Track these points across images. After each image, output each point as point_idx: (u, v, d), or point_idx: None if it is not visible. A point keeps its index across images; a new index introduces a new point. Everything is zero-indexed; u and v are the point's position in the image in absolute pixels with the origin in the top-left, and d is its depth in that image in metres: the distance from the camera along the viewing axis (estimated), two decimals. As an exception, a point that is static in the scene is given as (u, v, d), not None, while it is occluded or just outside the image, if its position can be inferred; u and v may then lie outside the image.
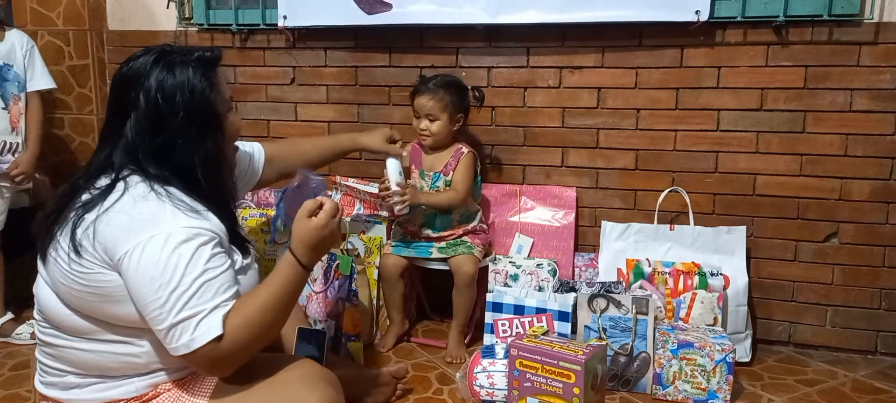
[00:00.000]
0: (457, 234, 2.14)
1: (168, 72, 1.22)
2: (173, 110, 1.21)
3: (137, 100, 1.21)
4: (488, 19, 2.21)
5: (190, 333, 1.12)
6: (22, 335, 2.23)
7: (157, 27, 2.63)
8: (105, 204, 1.17)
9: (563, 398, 1.57)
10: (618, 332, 1.87)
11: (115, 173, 1.20)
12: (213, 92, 1.26)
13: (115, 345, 1.22)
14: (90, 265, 1.15)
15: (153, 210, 1.16)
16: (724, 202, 2.21)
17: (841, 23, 2.02)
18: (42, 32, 2.64)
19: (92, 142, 2.70)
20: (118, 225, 1.14)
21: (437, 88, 2.07)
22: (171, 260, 1.12)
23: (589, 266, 2.26)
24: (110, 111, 1.27)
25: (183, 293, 1.12)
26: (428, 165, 2.17)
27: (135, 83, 1.22)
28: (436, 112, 2.07)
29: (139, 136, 1.21)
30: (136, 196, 1.18)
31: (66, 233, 1.17)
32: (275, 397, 1.24)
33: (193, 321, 1.12)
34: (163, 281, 1.11)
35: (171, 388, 1.26)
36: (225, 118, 1.31)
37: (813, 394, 1.90)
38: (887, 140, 2.05)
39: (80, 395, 1.26)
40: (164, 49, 1.26)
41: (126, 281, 1.14)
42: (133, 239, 1.13)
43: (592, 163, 2.29)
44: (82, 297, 1.18)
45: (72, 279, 1.16)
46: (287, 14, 2.38)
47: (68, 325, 1.22)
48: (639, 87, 2.21)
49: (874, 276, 2.13)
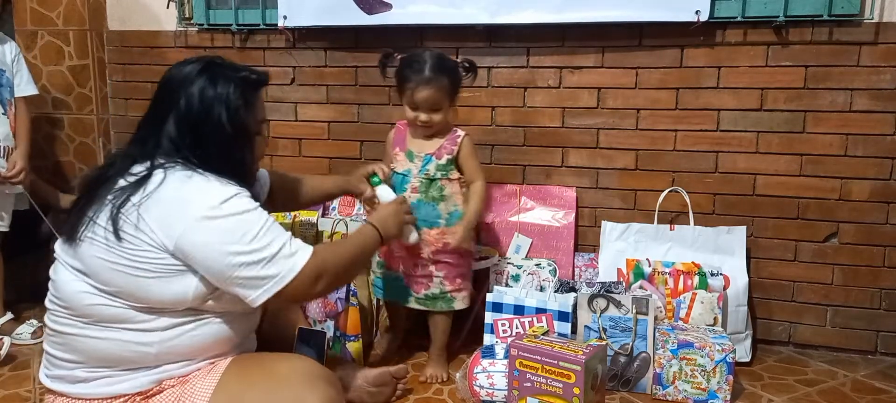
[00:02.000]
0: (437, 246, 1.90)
1: (210, 83, 1.31)
2: (208, 119, 1.29)
3: (179, 103, 1.29)
4: (488, 19, 2.21)
5: (287, 259, 1.26)
6: (22, 335, 2.23)
7: (158, 27, 2.63)
8: (148, 188, 1.23)
9: (563, 398, 1.57)
10: (618, 332, 1.87)
11: (151, 162, 1.27)
12: (247, 111, 1.35)
13: (130, 334, 1.25)
14: (135, 245, 1.20)
15: (201, 184, 1.25)
16: (724, 202, 2.21)
17: (841, 23, 2.02)
18: (42, 32, 2.64)
19: (92, 143, 2.70)
20: (171, 202, 1.22)
21: (437, 76, 1.84)
22: (243, 215, 1.24)
23: (589, 266, 2.26)
24: (153, 107, 1.35)
25: (264, 233, 1.25)
26: (416, 147, 1.94)
27: (179, 87, 1.30)
28: (439, 102, 1.86)
29: (179, 136, 1.29)
30: (181, 177, 1.25)
31: (105, 216, 1.22)
32: (275, 395, 1.26)
33: (285, 248, 1.27)
34: (243, 230, 1.23)
35: (174, 385, 1.29)
36: (254, 137, 1.41)
37: (813, 394, 1.90)
38: (887, 140, 2.05)
39: (86, 390, 1.28)
40: (214, 61, 1.36)
41: (193, 250, 1.21)
42: (193, 212, 1.21)
43: (592, 163, 2.29)
44: (125, 274, 1.21)
45: (116, 255, 1.21)
46: (287, 14, 2.38)
47: (88, 311, 1.24)
48: (639, 87, 2.21)
49: (874, 276, 2.13)
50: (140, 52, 2.68)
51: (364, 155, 2.50)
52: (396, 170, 1.95)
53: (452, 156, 1.92)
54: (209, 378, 1.29)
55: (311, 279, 1.30)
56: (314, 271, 1.30)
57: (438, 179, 1.91)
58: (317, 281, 1.32)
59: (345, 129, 2.51)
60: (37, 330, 2.24)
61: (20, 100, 2.32)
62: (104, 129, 2.74)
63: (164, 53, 2.64)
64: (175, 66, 1.35)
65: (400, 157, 1.96)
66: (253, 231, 1.24)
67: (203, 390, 1.27)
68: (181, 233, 1.20)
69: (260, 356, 1.43)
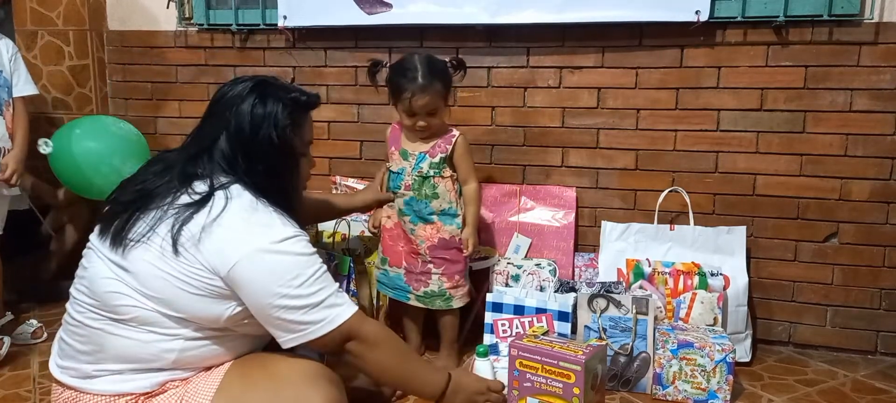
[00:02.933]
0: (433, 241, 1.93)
1: (260, 101, 1.33)
2: (256, 138, 1.32)
3: (230, 122, 1.32)
4: (488, 19, 2.21)
5: (332, 309, 1.28)
6: (22, 335, 2.23)
7: (157, 27, 2.63)
8: (214, 211, 1.24)
9: (563, 398, 1.57)
10: (618, 332, 1.87)
11: (211, 180, 1.29)
12: (294, 132, 1.38)
13: (154, 337, 1.26)
14: (188, 262, 1.22)
15: (265, 218, 1.27)
16: (724, 202, 2.21)
17: (841, 23, 2.02)
18: (42, 32, 2.64)
19: (92, 142, 2.69)
20: (234, 230, 1.23)
21: (431, 81, 1.84)
22: (299, 258, 1.26)
23: (589, 266, 2.26)
24: (204, 124, 1.38)
25: (314, 281, 1.26)
26: (410, 146, 1.96)
27: (230, 104, 1.33)
28: (435, 106, 1.88)
29: (232, 154, 1.32)
30: (245, 205, 1.27)
31: (165, 227, 1.23)
32: (278, 395, 1.27)
33: (332, 298, 1.28)
34: (295, 273, 1.24)
35: (178, 386, 1.30)
36: (300, 158, 1.44)
37: (813, 394, 1.90)
38: (887, 140, 2.05)
39: (93, 385, 1.28)
40: (266, 80, 1.39)
41: (245, 283, 1.22)
42: (253, 244, 1.23)
43: (592, 163, 2.29)
44: (172, 284, 1.23)
45: (169, 265, 1.22)
46: (287, 14, 2.38)
47: (117, 309, 1.25)
48: (639, 87, 2.21)
49: (874, 276, 2.13)
50: (140, 52, 2.68)
51: (364, 155, 2.50)
52: (392, 169, 1.98)
53: (446, 155, 1.93)
54: (211, 379, 1.30)
55: (342, 338, 1.30)
56: (349, 332, 1.31)
57: (431, 177, 1.93)
58: (347, 341, 1.32)
59: (345, 129, 2.51)
60: (37, 330, 2.24)
61: (18, 99, 2.30)
62: (104, 129, 2.74)
63: (164, 53, 2.65)
64: (227, 83, 1.39)
65: (395, 156, 1.99)
66: (304, 275, 1.25)
67: (205, 390, 1.28)
68: (236, 263, 1.22)
69: (261, 356, 1.43)
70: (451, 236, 1.95)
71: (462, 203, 1.98)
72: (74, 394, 1.29)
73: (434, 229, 1.94)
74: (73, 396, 1.29)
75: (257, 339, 1.40)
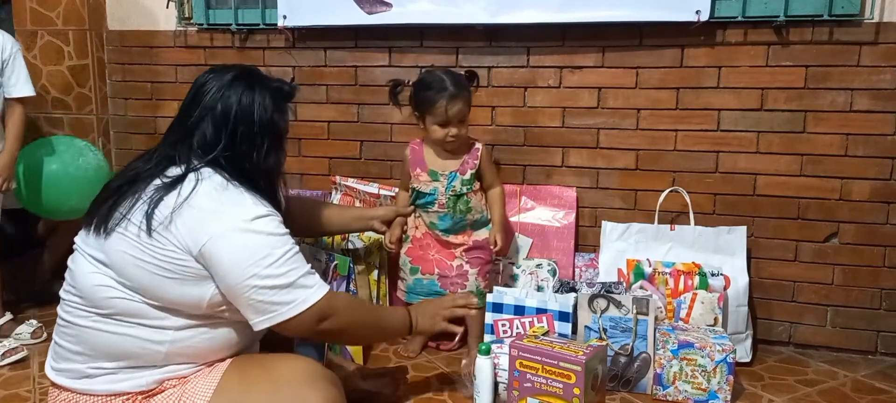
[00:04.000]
0: (467, 245, 2.01)
1: (248, 89, 1.35)
2: (247, 122, 1.34)
3: (215, 108, 1.33)
4: (488, 19, 2.21)
5: (300, 290, 1.27)
6: (22, 335, 2.22)
7: (157, 27, 2.62)
8: (184, 191, 1.25)
9: (564, 398, 1.57)
10: (618, 332, 1.87)
11: (187, 165, 1.30)
12: (280, 117, 1.40)
13: (143, 330, 1.26)
14: (162, 245, 1.22)
15: (235, 197, 1.28)
16: (725, 202, 2.20)
17: (841, 23, 2.02)
18: (42, 32, 2.64)
19: (91, 142, 2.69)
20: (203, 210, 1.24)
21: (461, 89, 1.92)
22: (269, 237, 1.26)
23: (589, 266, 2.26)
24: (185, 111, 1.37)
25: (285, 261, 1.26)
26: (439, 166, 2.01)
27: (215, 91, 1.34)
28: (466, 112, 1.95)
29: (215, 138, 1.32)
30: (215, 185, 1.28)
31: (140, 212, 1.24)
32: (276, 395, 1.27)
33: (303, 279, 1.28)
34: (265, 252, 1.24)
35: (175, 385, 1.30)
36: (283, 143, 1.45)
37: (813, 394, 1.90)
38: (888, 140, 2.05)
39: (90, 386, 1.28)
40: (249, 69, 1.41)
41: (216, 262, 1.22)
42: (223, 223, 1.23)
43: (593, 163, 2.29)
44: (149, 271, 1.23)
45: (143, 252, 1.22)
46: (287, 14, 2.38)
47: (104, 303, 1.25)
48: (639, 87, 2.21)
49: (874, 276, 2.13)
50: (139, 52, 2.68)
51: (364, 155, 2.50)
52: (422, 190, 2.01)
53: (475, 170, 2.00)
54: (209, 379, 1.30)
55: (315, 318, 1.30)
56: (321, 312, 1.30)
57: (464, 194, 1.99)
58: (320, 322, 1.31)
59: (345, 129, 2.50)
60: (36, 330, 2.24)
61: (14, 100, 2.22)
62: (104, 129, 2.74)
63: (164, 53, 2.64)
64: (210, 72, 1.39)
65: (423, 177, 2.02)
66: (275, 255, 1.25)
67: (203, 390, 1.28)
68: (207, 241, 1.22)
69: (260, 356, 1.44)
70: (483, 239, 2.04)
71: (488, 207, 2.07)
72: (72, 396, 1.29)
73: (467, 236, 2.03)
74: (71, 398, 1.29)
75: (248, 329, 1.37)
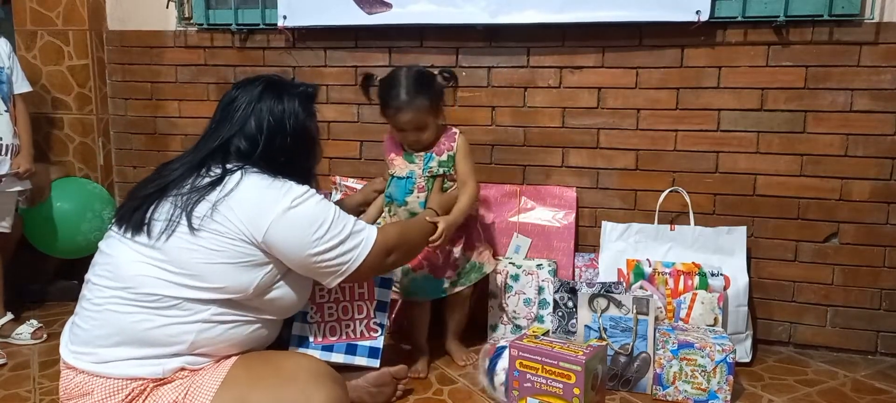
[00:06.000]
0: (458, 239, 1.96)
1: (277, 99, 1.45)
2: (281, 132, 1.44)
3: (247, 122, 1.42)
4: (488, 19, 2.21)
5: (360, 236, 1.45)
6: (22, 335, 2.22)
7: (157, 27, 2.62)
8: (227, 186, 1.35)
9: (564, 398, 1.57)
10: (618, 332, 1.87)
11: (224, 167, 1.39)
12: (311, 121, 1.52)
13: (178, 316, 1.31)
14: (216, 234, 1.31)
15: (279, 184, 1.40)
16: (725, 202, 2.20)
17: (841, 23, 2.02)
18: (42, 32, 2.64)
19: (91, 142, 2.70)
20: (255, 199, 1.35)
21: (414, 98, 1.81)
22: (320, 205, 1.41)
23: (589, 266, 2.26)
24: (217, 126, 1.45)
25: (336, 221, 1.42)
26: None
27: (246, 105, 1.43)
28: (422, 121, 1.85)
29: (250, 150, 1.42)
30: (258, 178, 1.38)
31: (182, 209, 1.33)
32: (282, 391, 1.30)
33: (356, 228, 1.45)
34: (320, 220, 1.39)
35: (187, 375, 1.33)
36: (318, 142, 1.57)
37: (813, 395, 1.90)
38: (888, 140, 2.05)
39: (106, 369, 1.30)
40: (272, 79, 1.49)
41: (279, 241, 1.35)
42: (280, 204, 1.36)
43: (593, 164, 2.29)
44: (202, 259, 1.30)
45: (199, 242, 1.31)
46: (287, 14, 2.38)
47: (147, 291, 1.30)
48: (639, 87, 2.21)
49: (874, 276, 2.13)
50: (140, 52, 2.68)
51: (364, 155, 2.50)
52: (397, 175, 1.94)
53: (453, 152, 1.92)
54: (217, 373, 1.33)
55: (382, 253, 1.49)
56: (384, 246, 1.49)
57: (442, 174, 1.92)
58: (387, 255, 1.51)
59: (345, 129, 2.51)
60: (37, 330, 2.24)
61: (18, 97, 2.31)
62: (104, 129, 2.74)
63: (164, 53, 2.64)
64: (236, 88, 1.47)
65: (398, 162, 1.95)
66: (328, 219, 1.40)
67: (211, 383, 1.31)
68: (270, 225, 1.34)
69: (266, 353, 1.47)
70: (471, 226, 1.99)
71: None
72: (87, 378, 1.30)
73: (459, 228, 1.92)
74: (86, 380, 1.31)
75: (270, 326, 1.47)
